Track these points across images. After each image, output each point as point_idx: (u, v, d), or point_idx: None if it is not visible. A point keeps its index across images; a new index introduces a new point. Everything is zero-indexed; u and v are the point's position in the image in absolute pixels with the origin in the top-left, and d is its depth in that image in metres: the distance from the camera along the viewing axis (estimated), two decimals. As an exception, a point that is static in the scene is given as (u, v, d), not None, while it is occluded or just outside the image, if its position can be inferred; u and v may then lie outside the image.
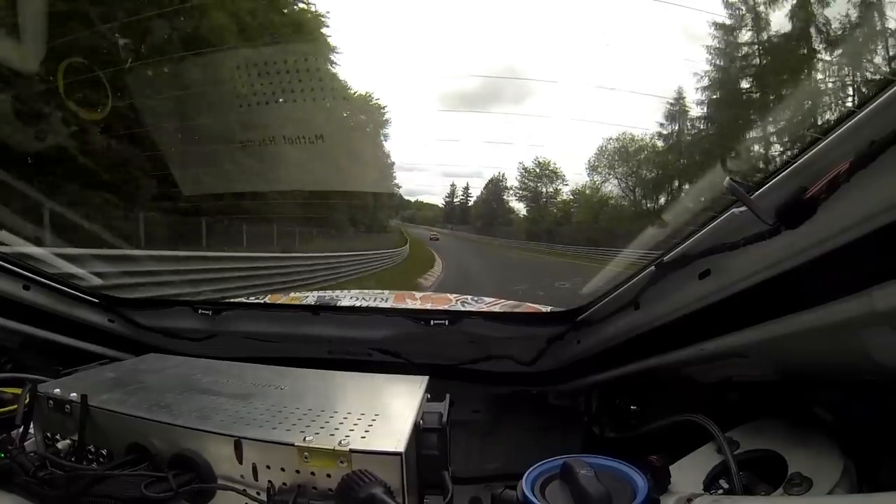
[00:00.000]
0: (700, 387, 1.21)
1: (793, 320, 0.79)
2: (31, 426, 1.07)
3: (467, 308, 2.08)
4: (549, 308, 1.91)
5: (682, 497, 0.88)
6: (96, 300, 1.70)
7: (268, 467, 0.87)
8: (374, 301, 2.22)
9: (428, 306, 2.18)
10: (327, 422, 0.93)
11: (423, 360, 1.57)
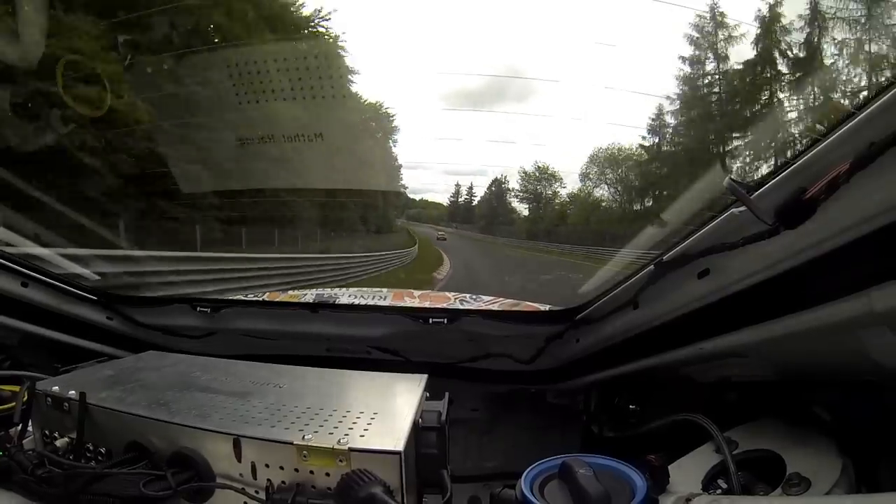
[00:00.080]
0: (699, 386, 1.22)
1: (792, 320, 0.79)
2: (30, 424, 1.07)
3: (466, 306, 2.08)
4: (548, 307, 1.91)
5: (681, 497, 0.88)
6: (95, 297, 1.70)
7: (266, 466, 0.86)
8: (373, 299, 2.22)
9: (427, 304, 2.18)
10: (326, 420, 0.93)
11: (422, 359, 1.57)
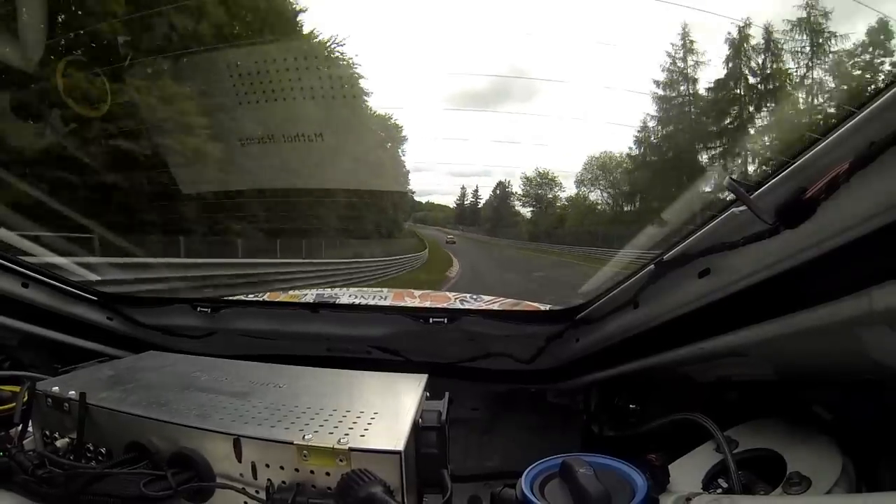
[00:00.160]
0: (699, 386, 1.21)
1: (792, 320, 0.79)
2: (30, 424, 1.07)
3: (466, 306, 2.08)
4: (548, 306, 1.91)
5: (681, 496, 0.88)
6: (95, 298, 1.70)
7: (267, 466, 0.86)
8: (373, 299, 2.22)
9: (427, 304, 2.18)
10: (326, 420, 0.93)
11: (422, 359, 1.57)
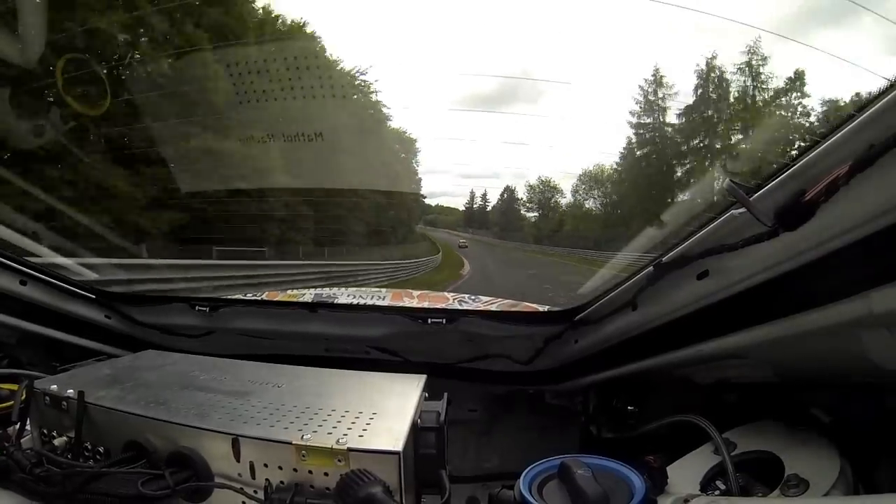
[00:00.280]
0: (697, 388, 1.21)
1: (791, 322, 0.79)
2: (28, 423, 1.07)
3: (465, 307, 2.08)
4: (547, 307, 1.91)
5: (679, 498, 0.88)
6: (93, 296, 1.69)
7: (265, 465, 0.86)
8: (372, 299, 2.21)
9: (425, 305, 2.18)
10: (325, 420, 0.93)
11: (421, 359, 1.57)
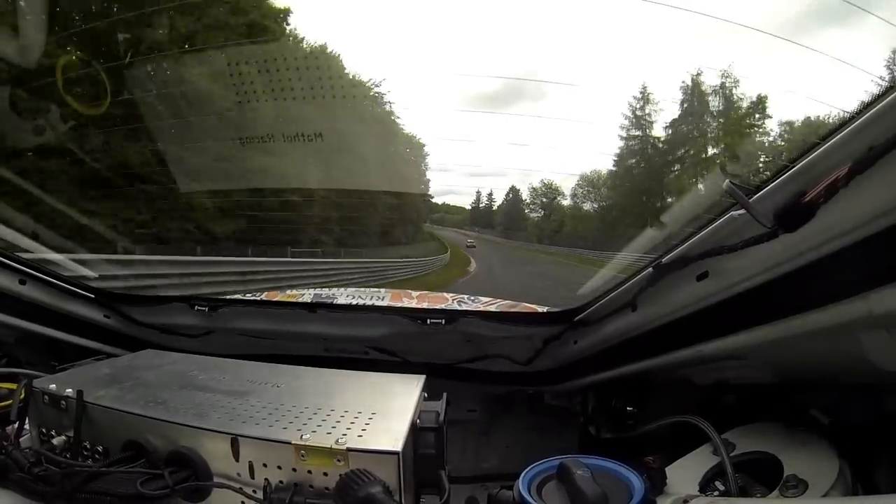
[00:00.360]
0: (697, 388, 1.22)
1: (790, 323, 0.79)
2: (27, 422, 1.07)
3: (464, 307, 2.08)
4: (546, 308, 1.91)
5: (678, 498, 0.88)
6: (92, 295, 1.69)
7: (264, 465, 0.86)
8: (371, 299, 2.21)
9: (425, 305, 2.18)
10: (324, 420, 0.93)
11: (420, 359, 1.57)
